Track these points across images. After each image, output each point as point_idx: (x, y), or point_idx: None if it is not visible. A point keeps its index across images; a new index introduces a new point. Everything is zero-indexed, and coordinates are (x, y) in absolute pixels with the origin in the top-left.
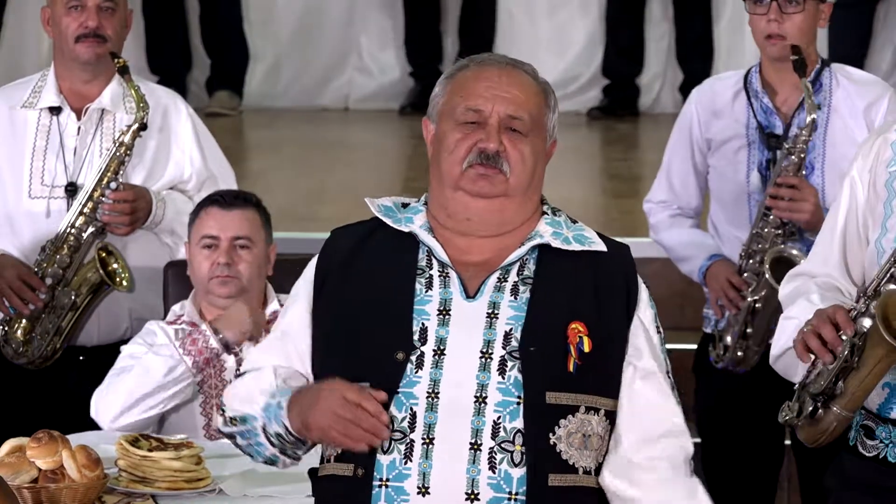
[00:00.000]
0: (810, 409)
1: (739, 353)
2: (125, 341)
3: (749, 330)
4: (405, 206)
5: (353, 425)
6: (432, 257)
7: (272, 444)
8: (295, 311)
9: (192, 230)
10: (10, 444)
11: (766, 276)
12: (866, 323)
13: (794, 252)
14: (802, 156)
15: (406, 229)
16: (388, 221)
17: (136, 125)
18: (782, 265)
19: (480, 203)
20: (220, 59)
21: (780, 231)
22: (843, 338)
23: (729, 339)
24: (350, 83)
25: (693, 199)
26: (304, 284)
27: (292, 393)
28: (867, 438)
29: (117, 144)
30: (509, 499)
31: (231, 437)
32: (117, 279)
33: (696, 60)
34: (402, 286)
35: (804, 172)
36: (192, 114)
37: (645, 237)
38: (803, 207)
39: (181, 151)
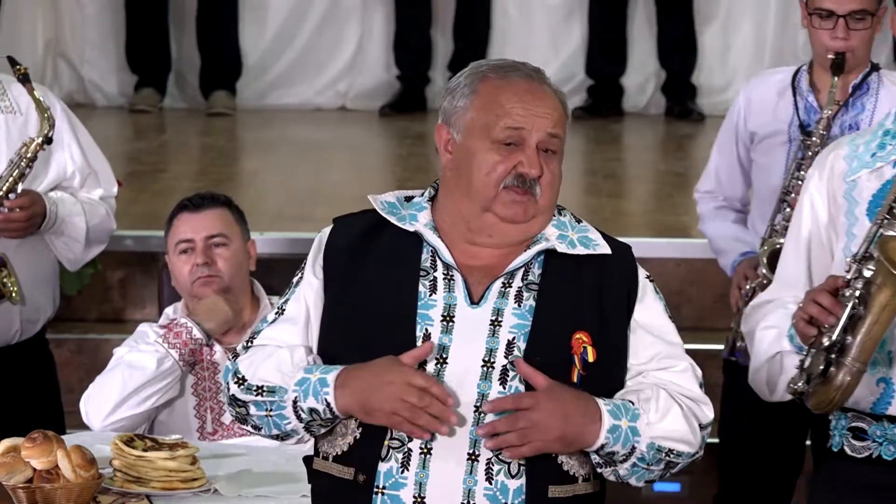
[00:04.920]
0: (822, 367)
1: None
2: (14, 345)
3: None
4: (409, 199)
5: (421, 411)
6: (437, 258)
7: (300, 418)
8: (308, 295)
9: (168, 241)
10: (5, 444)
11: (764, 270)
12: (869, 270)
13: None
14: (817, 149)
15: (410, 228)
16: (392, 219)
17: (41, 139)
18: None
19: (510, 228)
20: (215, 59)
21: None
22: (845, 295)
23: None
24: (345, 83)
25: (737, 190)
26: (312, 275)
27: (339, 371)
28: (855, 441)
29: (20, 157)
30: None
31: (242, 405)
32: (7, 292)
33: (677, 60)
34: (407, 288)
35: None
36: (66, 108)
37: (631, 237)
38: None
39: (61, 149)
